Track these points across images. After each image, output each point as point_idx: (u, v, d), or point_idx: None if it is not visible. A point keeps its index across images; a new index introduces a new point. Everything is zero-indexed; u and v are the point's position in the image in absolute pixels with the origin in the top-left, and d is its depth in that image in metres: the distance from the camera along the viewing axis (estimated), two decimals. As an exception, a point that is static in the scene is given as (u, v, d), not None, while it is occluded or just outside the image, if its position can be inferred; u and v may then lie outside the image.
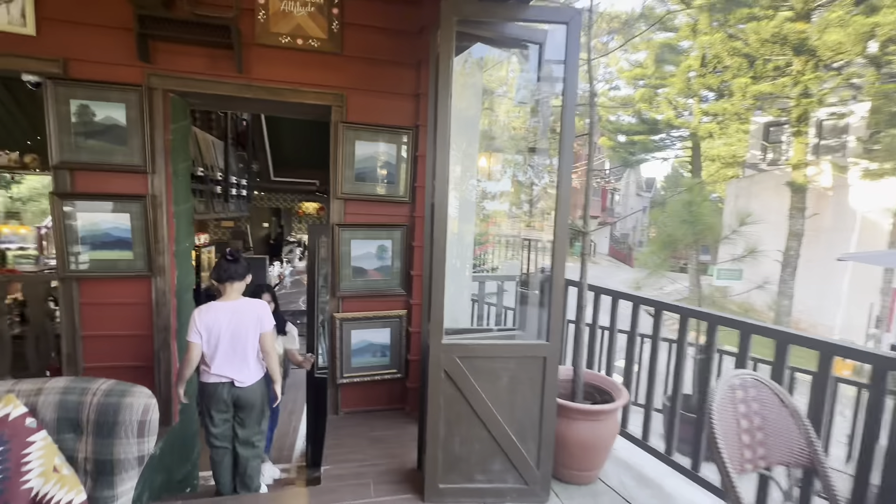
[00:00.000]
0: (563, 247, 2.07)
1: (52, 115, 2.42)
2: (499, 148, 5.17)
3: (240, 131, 7.04)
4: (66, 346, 2.62)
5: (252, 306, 2.40)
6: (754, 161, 14.15)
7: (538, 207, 7.02)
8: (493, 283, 3.92)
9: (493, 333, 2.52)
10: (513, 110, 6.27)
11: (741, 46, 11.07)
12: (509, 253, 8.64)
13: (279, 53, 2.70)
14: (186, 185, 2.85)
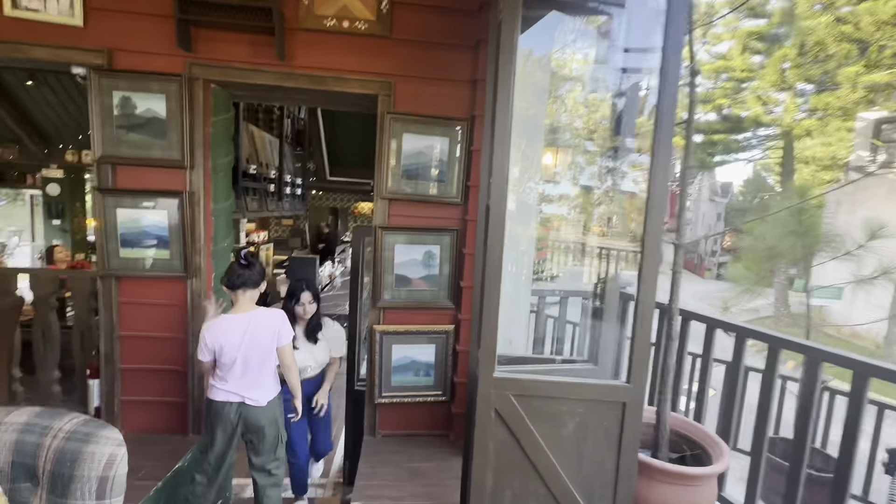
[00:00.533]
0: (654, 263, 1.61)
1: (96, 107, 2.35)
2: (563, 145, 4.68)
3: (298, 130, 7.10)
4: (104, 344, 2.55)
5: (267, 318, 2.06)
6: (860, 163, 12.27)
7: (603, 211, 6.40)
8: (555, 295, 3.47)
9: (556, 366, 2.10)
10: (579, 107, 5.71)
11: (851, 31, 9.59)
12: (567, 259, 8.01)
13: (323, 38, 2.46)
14: (227, 181, 2.70)
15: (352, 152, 7.87)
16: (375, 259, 2.61)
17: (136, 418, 2.64)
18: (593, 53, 2.74)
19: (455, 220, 2.66)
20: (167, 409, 2.64)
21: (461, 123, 2.56)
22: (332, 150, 7.77)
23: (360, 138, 7.67)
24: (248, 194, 4.51)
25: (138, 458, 2.49)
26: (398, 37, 2.49)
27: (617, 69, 2.71)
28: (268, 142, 5.41)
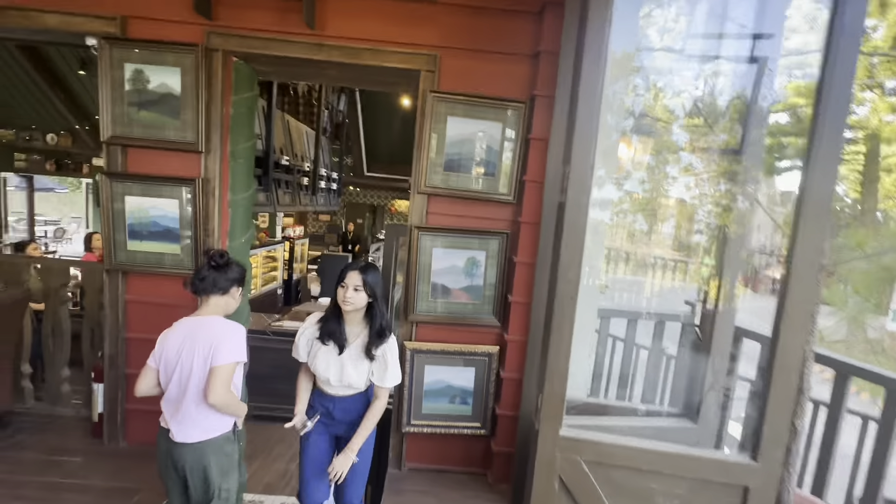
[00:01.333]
0: (807, 297, 1.11)
1: (106, 81, 2.09)
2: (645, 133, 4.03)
3: (336, 123, 6.88)
4: (108, 346, 2.30)
5: (212, 327, 1.54)
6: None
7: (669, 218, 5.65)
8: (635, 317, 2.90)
9: (640, 421, 1.62)
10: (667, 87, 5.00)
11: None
12: (623, 268, 7.30)
13: (360, 4, 2.10)
14: (248, 170, 2.40)
15: (391, 148, 7.59)
16: (409, 264, 2.23)
17: (140, 429, 2.39)
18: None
19: (505, 221, 2.23)
20: (173, 421, 2.37)
21: (517, 106, 2.12)
22: (371, 144, 7.52)
23: (399, 133, 7.37)
24: (279, 186, 4.26)
25: (135, 476, 2.26)
26: (447, 0, 2.09)
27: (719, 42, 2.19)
28: (304, 133, 5.17)
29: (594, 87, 1.13)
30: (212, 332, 1.52)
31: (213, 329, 1.53)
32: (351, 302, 1.62)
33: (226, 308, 1.63)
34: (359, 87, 2.53)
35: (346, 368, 1.69)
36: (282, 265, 6.72)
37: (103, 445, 2.36)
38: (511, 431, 2.26)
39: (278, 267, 6.52)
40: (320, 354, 1.70)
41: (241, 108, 2.27)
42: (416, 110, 2.21)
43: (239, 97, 2.24)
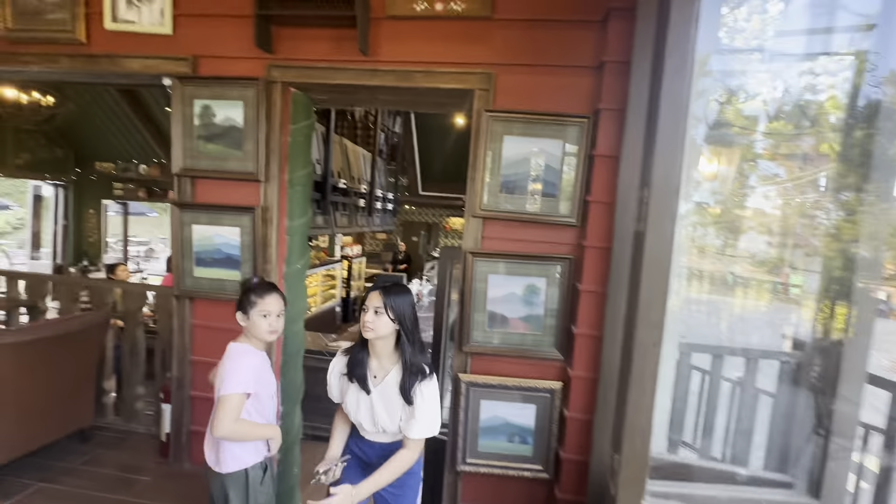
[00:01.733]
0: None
1: (178, 117, 2.22)
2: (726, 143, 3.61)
3: (392, 144, 7.03)
4: (176, 368, 2.39)
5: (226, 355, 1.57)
6: None
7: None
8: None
9: (742, 492, 1.35)
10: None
11: None
12: (703, 288, 6.67)
13: (412, 26, 2.07)
14: (305, 196, 2.43)
15: (445, 166, 7.62)
16: (464, 291, 2.11)
17: (203, 452, 2.44)
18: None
19: (568, 245, 2.05)
20: (232, 445, 2.40)
21: (579, 122, 1.96)
22: (425, 164, 7.59)
23: (453, 151, 7.37)
24: (337, 209, 4.35)
25: (196, 499, 2.30)
26: (501, 16, 2.00)
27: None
28: (361, 156, 5.30)
29: (678, 99, 0.96)
30: (227, 357, 1.55)
31: (227, 356, 1.56)
32: (370, 328, 1.42)
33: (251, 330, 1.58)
34: (412, 109, 2.52)
35: (377, 410, 1.48)
36: (340, 283, 6.89)
37: (169, 466, 2.44)
38: (577, 478, 2.04)
39: (337, 285, 6.70)
40: (350, 393, 1.52)
41: (299, 137, 2.31)
42: (469, 128, 2.12)
43: (297, 126, 2.28)
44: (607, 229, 1.89)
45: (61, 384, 2.39)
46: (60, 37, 2.29)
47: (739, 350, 2.26)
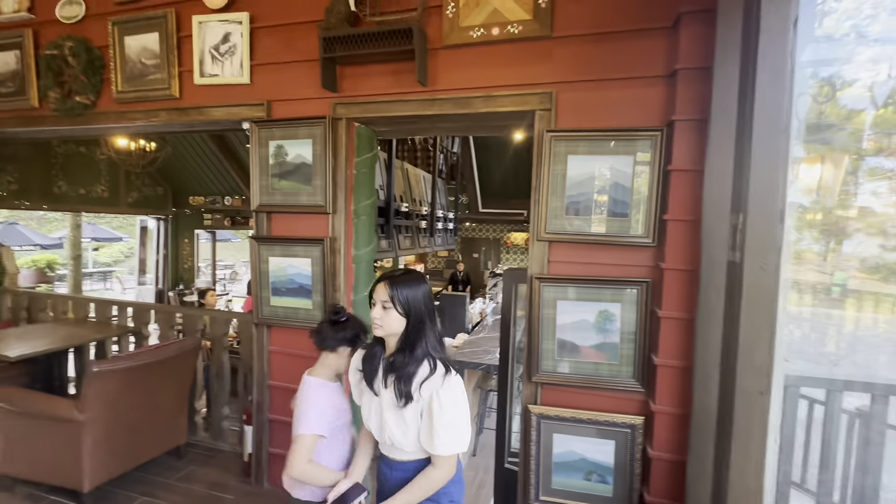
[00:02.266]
0: None
1: (255, 158, 2.39)
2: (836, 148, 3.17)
3: (451, 164, 7.11)
4: (256, 392, 2.54)
5: (304, 389, 1.55)
6: None
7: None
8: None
9: None
10: None
11: None
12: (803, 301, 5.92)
13: (469, 53, 2.07)
14: (370, 225, 2.50)
15: (504, 182, 7.56)
16: (531, 318, 2.02)
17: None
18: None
19: (644, 267, 1.90)
20: (307, 468, 2.48)
21: (651, 135, 1.83)
22: (485, 181, 7.58)
23: (512, 168, 7.30)
24: (400, 232, 4.45)
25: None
26: (561, 34, 1.95)
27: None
28: (421, 178, 5.41)
29: (776, 112, 0.84)
30: (302, 392, 1.53)
31: (305, 390, 1.53)
32: (378, 324, 1.27)
33: (335, 366, 1.59)
34: (471, 134, 2.52)
35: (385, 418, 1.29)
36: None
37: (251, 485, 2.57)
38: (665, 526, 1.83)
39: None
40: (365, 397, 1.37)
41: (363, 169, 2.40)
42: (528, 142, 2.07)
43: (361, 158, 2.37)
44: (690, 250, 1.72)
45: (162, 404, 2.62)
46: (159, 94, 2.58)
47: (860, 384, 1.93)
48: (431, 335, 1.28)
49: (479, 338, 5.02)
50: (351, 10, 2.11)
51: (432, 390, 1.22)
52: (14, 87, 2.91)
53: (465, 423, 1.26)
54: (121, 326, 3.18)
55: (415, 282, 1.30)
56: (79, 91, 2.71)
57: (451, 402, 1.22)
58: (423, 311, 1.27)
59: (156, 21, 2.54)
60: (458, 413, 1.23)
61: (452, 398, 1.23)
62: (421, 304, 1.27)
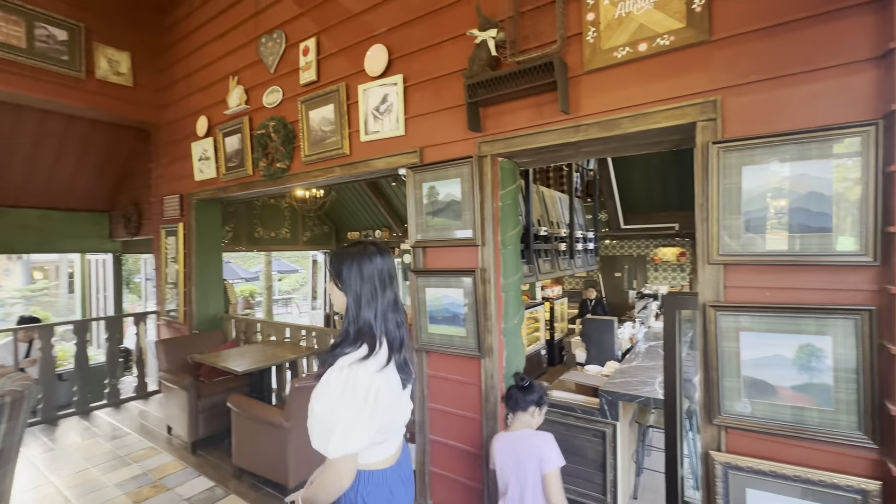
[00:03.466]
0: None
1: (412, 199, 2.67)
2: None
3: (587, 181, 6.85)
4: (417, 413, 2.75)
5: (529, 443, 1.91)
6: None
7: None
8: None
9: None
10: None
11: None
12: None
13: (613, 75, 2.01)
14: (516, 255, 2.56)
15: (649, 196, 6.96)
16: (707, 351, 1.80)
17: (442, 492, 2.69)
18: None
19: (862, 292, 1.54)
20: (465, 491, 2.57)
21: (860, 131, 1.51)
22: (626, 196, 7.09)
23: (658, 180, 6.69)
24: (539, 256, 4.42)
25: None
26: (721, 35, 1.77)
27: None
28: (558, 199, 5.33)
29: None
30: (531, 445, 1.89)
31: (532, 442, 1.89)
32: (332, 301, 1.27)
33: (529, 423, 1.98)
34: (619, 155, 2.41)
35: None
36: (543, 325, 6.88)
37: (416, 501, 2.77)
38: None
39: (540, 327, 6.70)
40: None
41: (508, 200, 2.48)
42: (675, 150, 1.89)
43: (505, 191, 2.46)
44: (936, 270, 1.35)
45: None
46: (334, 153, 3.10)
47: None
48: (368, 315, 1.21)
49: (631, 367, 4.62)
50: (492, 56, 2.25)
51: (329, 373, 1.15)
52: (237, 162, 3.82)
53: (334, 421, 1.10)
54: (309, 348, 3.81)
55: (355, 256, 1.24)
56: (279, 159, 3.42)
57: (321, 392, 1.13)
58: (358, 287, 1.21)
59: (331, 95, 3.07)
60: (326, 406, 1.11)
61: (324, 388, 1.12)
62: (357, 279, 1.22)
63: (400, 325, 1.26)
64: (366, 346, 1.18)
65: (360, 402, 1.11)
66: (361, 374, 1.13)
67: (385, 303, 1.23)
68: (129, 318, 5.47)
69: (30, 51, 3.73)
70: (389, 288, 1.25)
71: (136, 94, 4.50)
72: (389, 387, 1.19)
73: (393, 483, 1.24)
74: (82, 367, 4.46)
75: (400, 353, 1.24)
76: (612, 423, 2.91)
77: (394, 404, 1.21)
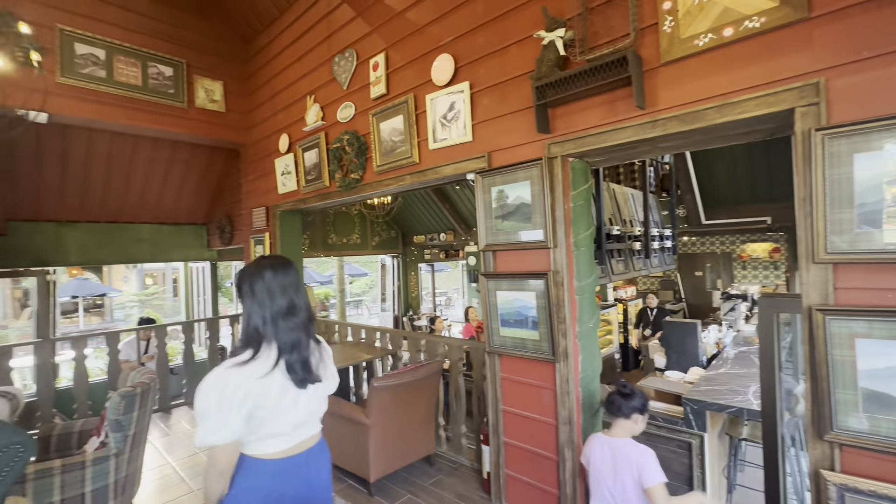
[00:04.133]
0: None
1: (481, 204, 2.71)
2: None
3: (662, 176, 6.44)
4: (491, 415, 2.77)
5: (629, 452, 1.91)
6: None
7: None
8: None
9: None
10: None
11: None
12: None
13: (695, 64, 1.90)
14: (589, 256, 2.49)
15: (733, 187, 6.40)
16: (815, 360, 1.63)
17: (517, 495, 2.68)
18: None
19: None
20: (541, 496, 2.54)
21: None
22: (706, 189, 6.58)
23: (744, 170, 6.13)
24: (612, 257, 4.25)
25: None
26: (822, 11, 1.60)
27: None
28: (630, 196, 5.08)
29: None
30: (631, 455, 1.89)
31: (632, 454, 1.89)
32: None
33: (631, 430, 1.96)
34: (701, 148, 2.25)
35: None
36: (617, 328, 6.58)
37: (490, 502, 2.78)
38: None
39: (613, 330, 6.41)
40: None
41: (580, 201, 2.43)
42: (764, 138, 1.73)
43: (577, 192, 2.41)
44: None
45: (416, 417, 3.14)
46: (404, 162, 3.22)
47: None
48: (256, 322, 1.34)
49: (719, 374, 4.27)
50: (560, 56, 2.22)
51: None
52: (315, 175, 4.10)
53: (205, 416, 1.24)
54: (383, 349, 3.98)
55: (248, 273, 1.39)
56: (353, 170, 3.62)
57: (198, 389, 1.26)
58: (249, 299, 1.36)
59: (400, 106, 3.20)
60: (199, 402, 1.25)
61: (201, 386, 1.26)
62: (248, 292, 1.37)
63: (293, 329, 1.37)
64: (250, 350, 1.32)
65: (228, 401, 1.24)
66: (234, 376, 1.27)
67: (275, 309, 1.36)
68: (225, 320, 6.08)
69: (144, 88, 4.30)
70: (282, 297, 1.37)
71: (228, 119, 5.00)
72: (271, 390, 1.30)
73: (283, 472, 1.37)
74: (189, 362, 5.03)
75: (292, 354, 1.34)
76: (698, 434, 2.73)
77: (281, 405, 1.32)
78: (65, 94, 3.82)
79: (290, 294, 1.39)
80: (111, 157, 5.54)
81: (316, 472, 1.46)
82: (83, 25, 3.94)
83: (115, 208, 6.21)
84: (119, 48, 4.13)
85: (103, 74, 4.03)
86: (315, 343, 1.45)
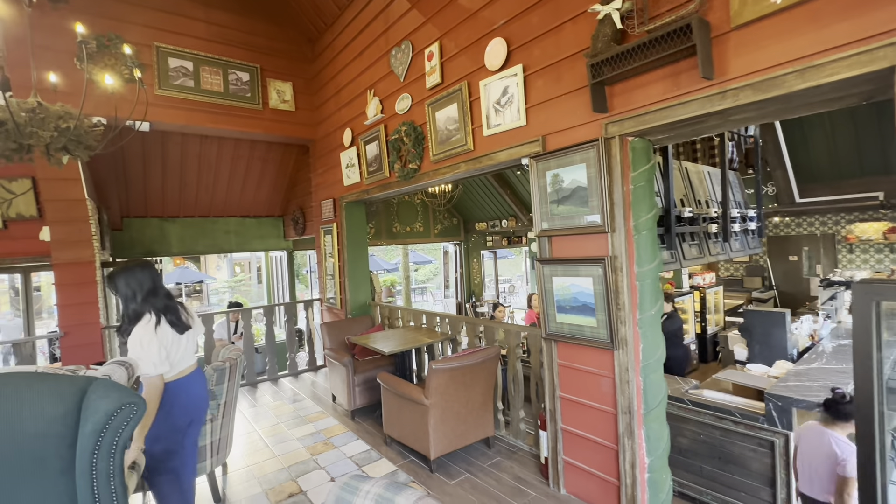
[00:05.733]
0: None
1: (536, 188, 2.67)
2: None
3: (745, 150, 5.83)
4: (548, 401, 2.76)
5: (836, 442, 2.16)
6: None
7: None
8: None
9: None
10: None
11: None
12: None
13: (770, 25, 1.71)
14: (652, 240, 2.36)
15: (834, 160, 5.64)
16: (914, 354, 1.44)
17: (574, 482, 2.67)
18: None
19: None
20: (599, 484, 2.51)
21: None
22: (800, 163, 5.87)
23: (846, 140, 5.37)
24: (684, 240, 3.97)
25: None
26: (937, -52, 1.36)
27: None
28: (705, 175, 4.68)
29: None
30: (838, 445, 2.14)
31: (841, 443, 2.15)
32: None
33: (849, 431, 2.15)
34: (779, 119, 2.00)
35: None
36: (693, 317, 6.15)
37: (549, 487, 2.80)
38: None
39: (689, 319, 6.01)
40: None
41: (641, 182, 2.31)
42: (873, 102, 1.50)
43: (637, 172, 2.29)
44: None
45: (475, 400, 3.21)
46: (459, 150, 3.26)
47: None
48: (136, 303, 2.09)
49: (811, 368, 3.85)
50: (617, 29, 2.11)
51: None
52: (376, 166, 4.27)
53: (147, 358, 2.00)
54: (443, 333, 4.10)
55: (121, 272, 2.11)
56: (410, 160, 3.73)
57: (135, 345, 2.00)
58: (126, 290, 2.09)
59: (454, 94, 3.23)
60: (139, 352, 2.00)
61: (136, 343, 2.00)
62: (124, 286, 2.10)
63: (164, 298, 2.16)
64: (145, 317, 2.06)
65: (155, 346, 2.02)
66: (149, 332, 2.03)
67: (145, 291, 2.10)
68: (301, 304, 6.58)
69: (226, 93, 4.73)
70: (150, 282, 2.12)
71: (298, 117, 5.35)
72: (165, 335, 2.07)
73: (192, 381, 2.22)
74: (271, 343, 5.54)
75: (167, 315, 2.10)
76: (783, 432, 2.52)
77: (174, 345, 2.11)
78: (162, 104, 4.32)
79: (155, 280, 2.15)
80: (201, 158, 6.18)
81: (202, 384, 2.29)
82: (174, 41, 4.42)
83: (206, 204, 6.94)
84: (204, 59, 4.58)
85: (192, 84, 4.50)
86: (181, 307, 2.24)
